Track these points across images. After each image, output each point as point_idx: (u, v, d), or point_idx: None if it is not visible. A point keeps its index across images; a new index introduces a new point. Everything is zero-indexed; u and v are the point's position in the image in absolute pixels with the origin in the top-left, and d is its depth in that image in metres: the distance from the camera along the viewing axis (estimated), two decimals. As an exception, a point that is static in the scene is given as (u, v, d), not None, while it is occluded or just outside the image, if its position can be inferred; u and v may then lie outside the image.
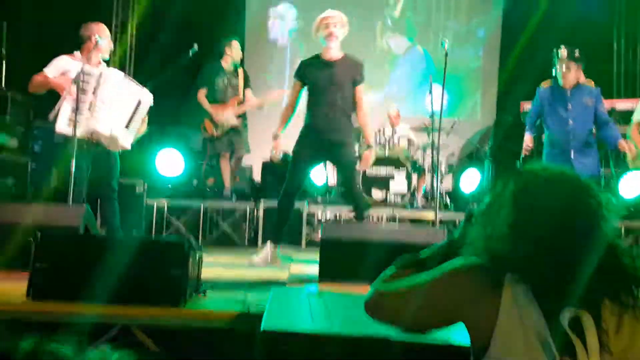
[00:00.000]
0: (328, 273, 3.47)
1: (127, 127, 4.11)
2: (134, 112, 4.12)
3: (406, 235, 3.65)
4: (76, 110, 3.85)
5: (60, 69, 4.08)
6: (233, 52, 6.12)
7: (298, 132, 4.33)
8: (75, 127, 3.87)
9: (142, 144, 6.44)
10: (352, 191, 4.37)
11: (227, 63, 6.13)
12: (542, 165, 1.35)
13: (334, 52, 4.25)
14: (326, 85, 4.20)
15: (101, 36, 4.17)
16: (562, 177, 1.30)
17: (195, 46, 5.12)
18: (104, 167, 4.19)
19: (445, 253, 1.51)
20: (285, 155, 5.37)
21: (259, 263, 4.16)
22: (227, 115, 5.99)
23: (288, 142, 4.46)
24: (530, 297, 1.21)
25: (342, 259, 3.49)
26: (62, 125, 3.96)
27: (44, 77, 4.03)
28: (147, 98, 4.18)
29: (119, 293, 2.42)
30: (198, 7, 7.92)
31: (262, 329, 1.94)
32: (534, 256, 1.23)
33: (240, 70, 6.19)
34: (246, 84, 6.17)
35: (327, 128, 4.21)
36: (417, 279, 1.38)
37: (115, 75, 4.09)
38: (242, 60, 6.58)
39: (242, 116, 6.18)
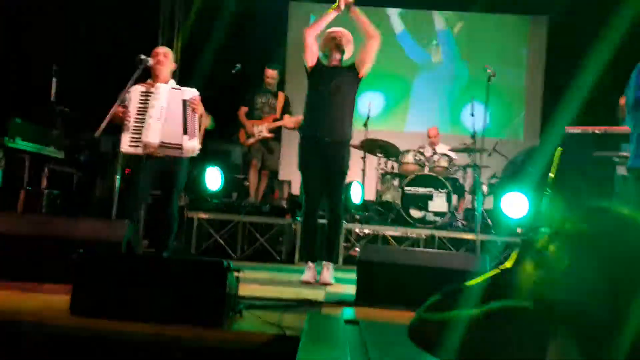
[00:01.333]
0: (365, 297, 3.45)
1: (185, 132, 4.14)
2: (185, 115, 4.14)
3: (444, 260, 3.59)
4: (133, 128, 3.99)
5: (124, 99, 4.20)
6: (268, 81, 6.44)
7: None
8: (136, 145, 4.05)
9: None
10: (334, 198, 4.42)
11: (268, 85, 6.45)
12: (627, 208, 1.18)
13: (337, 59, 4.46)
14: (327, 90, 4.33)
15: (156, 58, 4.24)
16: None
17: (239, 65, 5.23)
18: (165, 180, 4.26)
19: (491, 288, 1.47)
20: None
21: (307, 280, 4.24)
22: (260, 127, 6.19)
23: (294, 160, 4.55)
24: (576, 353, 1.17)
25: (379, 283, 3.47)
26: (125, 147, 4.09)
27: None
28: (189, 94, 4.18)
29: (159, 312, 2.45)
30: (242, 30, 8.07)
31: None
32: (589, 308, 1.17)
33: (280, 94, 6.46)
34: (286, 109, 6.41)
35: (324, 132, 4.33)
36: (462, 312, 1.36)
37: (163, 89, 4.16)
38: (283, 84, 6.79)
39: (277, 135, 6.38)
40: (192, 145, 4.16)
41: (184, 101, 4.13)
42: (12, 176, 5.13)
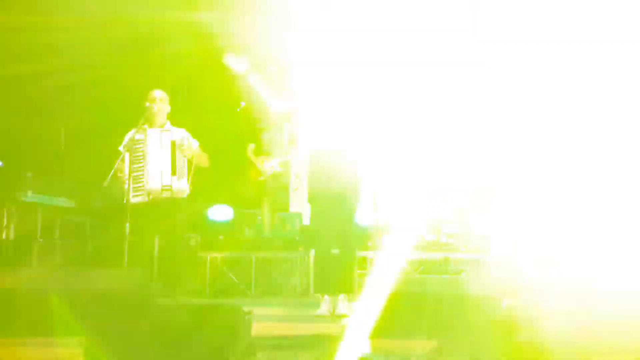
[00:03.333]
0: (382, 328, 3.40)
1: (174, 173, 4.20)
2: (173, 156, 4.21)
3: (463, 287, 3.55)
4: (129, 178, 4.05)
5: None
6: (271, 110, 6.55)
7: None
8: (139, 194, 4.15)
9: (196, 197, 6.65)
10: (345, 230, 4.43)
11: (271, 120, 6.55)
12: None
13: None
14: None
15: (151, 102, 4.31)
16: None
17: (243, 103, 5.30)
18: (170, 220, 4.30)
19: None
20: None
21: (323, 315, 4.20)
22: (271, 163, 6.23)
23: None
24: None
25: (394, 314, 3.42)
26: (132, 199, 4.14)
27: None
28: (177, 135, 4.25)
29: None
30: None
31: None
32: None
33: (285, 128, 6.49)
34: (292, 140, 6.46)
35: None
36: None
37: (152, 134, 4.22)
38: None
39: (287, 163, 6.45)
40: (181, 186, 4.23)
41: (173, 142, 4.20)
42: (26, 229, 5.19)
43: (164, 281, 5.29)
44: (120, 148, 4.20)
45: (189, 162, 4.29)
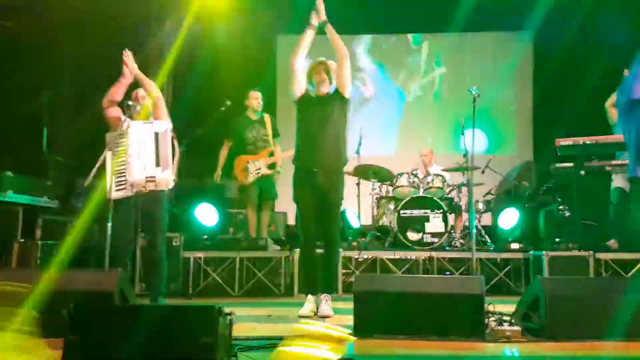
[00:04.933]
0: (363, 328, 3.41)
1: (157, 165, 4.19)
2: (157, 147, 4.21)
3: (441, 285, 3.56)
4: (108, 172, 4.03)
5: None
6: (252, 102, 6.36)
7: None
8: (122, 188, 4.14)
9: (178, 197, 6.61)
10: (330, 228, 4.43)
11: (251, 114, 6.37)
12: None
13: (327, 89, 4.52)
14: (316, 120, 4.39)
15: (133, 102, 4.34)
16: None
17: (228, 102, 5.26)
18: (151, 215, 4.29)
19: None
20: None
21: (306, 314, 4.22)
22: (258, 165, 6.15)
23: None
24: None
25: (376, 313, 3.44)
26: (114, 193, 4.13)
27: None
28: (160, 127, 4.26)
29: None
30: (229, 58, 8.15)
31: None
32: None
33: (266, 117, 6.37)
34: (274, 133, 6.35)
35: (316, 162, 4.36)
36: None
37: (133, 126, 4.22)
38: (274, 109, 6.74)
39: (274, 164, 6.31)
40: (166, 176, 4.22)
41: (156, 134, 4.21)
42: (6, 229, 5.14)
43: (146, 281, 5.27)
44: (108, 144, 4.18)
45: (173, 153, 4.31)
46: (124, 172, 4.15)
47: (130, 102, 4.30)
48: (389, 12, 8.71)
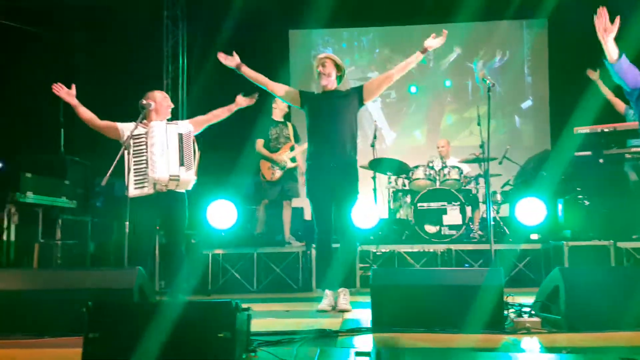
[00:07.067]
0: (381, 322, 3.41)
1: (182, 164, 4.25)
2: (181, 147, 4.28)
3: (458, 277, 3.54)
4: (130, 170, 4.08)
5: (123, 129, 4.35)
6: (279, 105, 6.42)
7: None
8: (141, 186, 4.22)
9: (198, 195, 6.65)
10: (346, 222, 4.39)
11: (276, 116, 6.47)
12: None
13: (332, 84, 4.49)
14: (324, 117, 4.38)
15: (154, 101, 4.37)
16: None
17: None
18: (172, 214, 4.34)
19: None
20: None
21: (324, 309, 4.24)
22: (281, 158, 6.21)
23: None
24: None
25: (395, 306, 3.42)
26: (133, 190, 4.21)
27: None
28: (184, 129, 4.34)
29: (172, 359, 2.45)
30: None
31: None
32: None
33: (289, 125, 6.49)
34: (296, 139, 6.42)
35: (329, 157, 4.35)
36: None
37: (157, 126, 4.28)
38: (289, 114, 6.78)
39: (295, 163, 6.37)
40: (189, 176, 4.30)
41: (180, 135, 4.28)
42: (26, 230, 5.21)
43: (166, 279, 5.31)
44: (125, 143, 4.22)
45: (194, 154, 4.39)
46: (143, 171, 4.19)
47: (143, 101, 4.34)
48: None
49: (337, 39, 9.42)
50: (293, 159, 6.37)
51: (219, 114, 4.61)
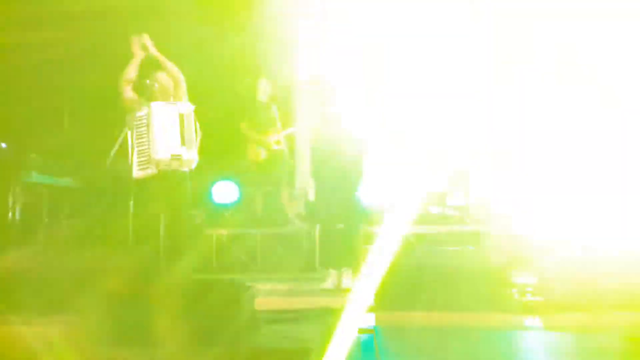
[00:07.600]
0: (384, 301, 3.43)
1: (183, 144, 4.24)
2: (182, 127, 4.27)
3: (464, 258, 3.57)
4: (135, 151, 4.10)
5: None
6: (264, 89, 6.44)
7: None
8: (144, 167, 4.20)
9: (200, 175, 6.66)
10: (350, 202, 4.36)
11: (263, 97, 6.46)
12: None
13: None
14: None
15: (152, 81, 4.35)
16: None
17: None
18: (175, 194, 4.34)
19: None
20: None
21: (328, 287, 4.26)
22: (277, 137, 6.28)
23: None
24: None
25: (397, 287, 3.45)
26: (137, 172, 4.20)
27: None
28: (185, 108, 4.32)
29: (178, 336, 2.48)
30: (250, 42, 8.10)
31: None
32: None
33: (274, 107, 6.49)
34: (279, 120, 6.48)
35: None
36: None
37: (156, 106, 4.27)
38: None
39: (290, 145, 6.43)
40: (191, 156, 4.28)
41: (181, 115, 4.27)
42: (31, 210, 5.22)
43: (170, 258, 5.33)
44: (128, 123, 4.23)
45: (195, 134, 4.35)
46: (146, 151, 4.19)
47: (148, 80, 4.31)
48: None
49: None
50: (277, 142, 6.42)
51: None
